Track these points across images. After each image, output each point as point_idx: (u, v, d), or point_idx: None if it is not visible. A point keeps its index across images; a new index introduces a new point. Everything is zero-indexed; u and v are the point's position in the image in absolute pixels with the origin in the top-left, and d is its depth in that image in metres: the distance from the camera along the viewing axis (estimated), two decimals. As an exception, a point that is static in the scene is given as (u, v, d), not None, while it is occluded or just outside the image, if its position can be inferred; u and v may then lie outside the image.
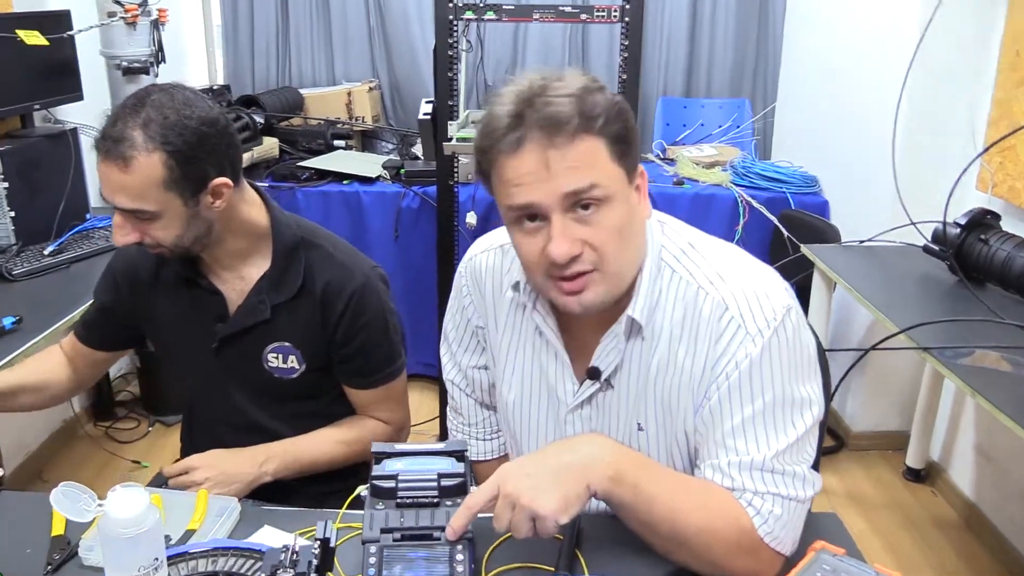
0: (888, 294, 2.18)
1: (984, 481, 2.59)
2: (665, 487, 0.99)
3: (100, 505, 0.79)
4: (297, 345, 1.41)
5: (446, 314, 1.33)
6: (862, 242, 2.58)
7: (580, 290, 1.01)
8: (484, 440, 1.40)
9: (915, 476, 2.87)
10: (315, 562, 0.81)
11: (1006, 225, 2.19)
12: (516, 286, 1.15)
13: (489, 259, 1.23)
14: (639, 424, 1.11)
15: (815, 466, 1.05)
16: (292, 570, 0.81)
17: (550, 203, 0.97)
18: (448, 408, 1.44)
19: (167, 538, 1.07)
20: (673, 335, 1.06)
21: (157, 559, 0.81)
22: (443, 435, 2.83)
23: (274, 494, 1.42)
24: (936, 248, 2.26)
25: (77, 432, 3.01)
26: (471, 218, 2.97)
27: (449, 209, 2.76)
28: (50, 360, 1.54)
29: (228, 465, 1.37)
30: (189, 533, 1.09)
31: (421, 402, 3.11)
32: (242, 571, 0.87)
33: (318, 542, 0.81)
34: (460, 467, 1.05)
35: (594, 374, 1.11)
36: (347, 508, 1.15)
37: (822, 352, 1.30)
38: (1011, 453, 2.44)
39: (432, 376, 3.17)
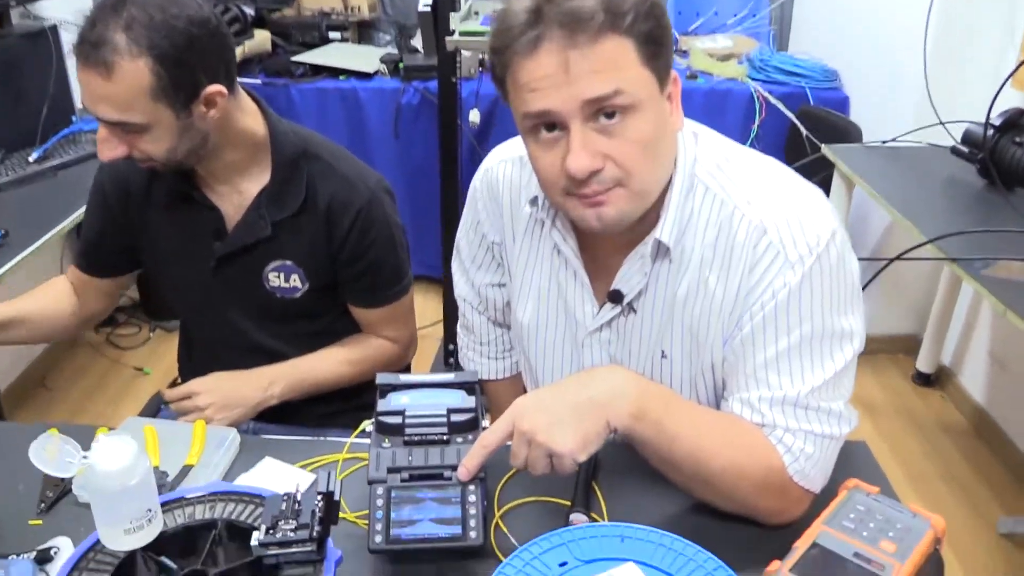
0: (913, 199, 2.08)
1: (996, 387, 2.57)
2: (690, 424, 0.93)
3: (85, 457, 0.73)
4: (300, 263, 1.33)
5: (460, 228, 1.24)
6: (885, 142, 2.46)
7: (601, 203, 0.92)
8: (496, 359, 1.34)
9: (925, 381, 2.85)
10: (319, 514, 0.76)
11: (1042, 126, 2.07)
12: (534, 201, 1.06)
13: (507, 170, 1.14)
14: (663, 352, 1.04)
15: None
16: (295, 521, 0.76)
17: (569, 110, 0.87)
18: (459, 325, 1.37)
19: (163, 474, 1.02)
20: (704, 259, 0.98)
21: (150, 510, 0.76)
22: (448, 338, 2.80)
23: (276, 415, 1.38)
24: (966, 150, 2.14)
25: (78, 339, 2.97)
26: (474, 116, 2.84)
27: (451, 106, 2.62)
28: (51, 291, 1.45)
29: (232, 389, 1.32)
30: (186, 469, 1.04)
31: (425, 305, 3.06)
32: (242, 518, 0.82)
33: (320, 496, 0.75)
34: (471, 401, 0.99)
35: (616, 297, 1.04)
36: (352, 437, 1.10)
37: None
38: (1027, 360, 2.40)
39: (435, 278, 3.11)
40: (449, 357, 2.80)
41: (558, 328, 1.12)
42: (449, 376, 1.03)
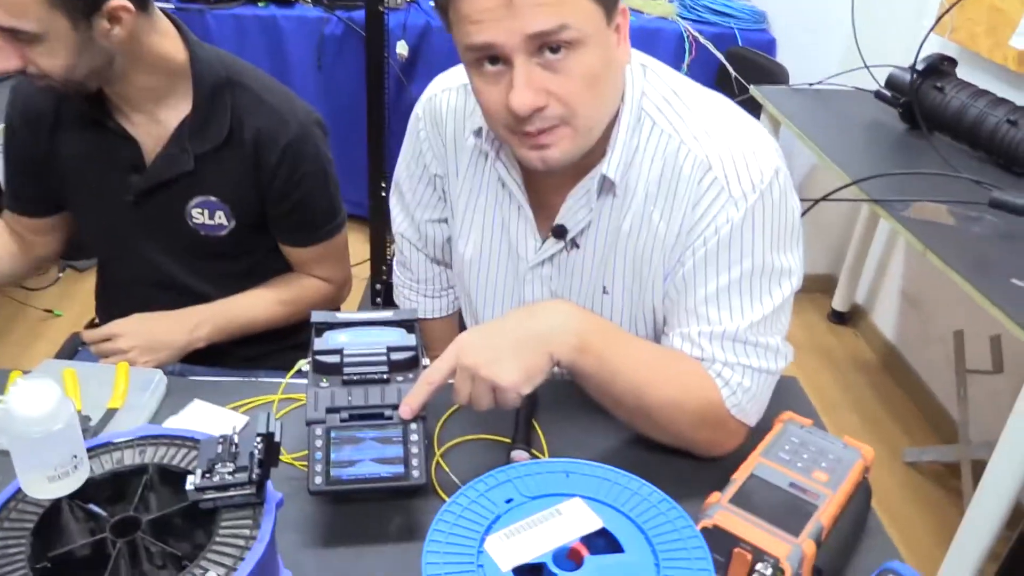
0: (838, 141, 2.12)
1: (906, 325, 2.68)
2: (632, 357, 0.94)
3: (2, 402, 0.68)
4: (225, 200, 1.27)
5: (399, 161, 1.20)
6: (812, 85, 2.49)
7: (545, 145, 0.90)
8: (433, 297, 1.32)
9: (839, 319, 2.96)
10: (258, 456, 0.73)
11: (961, 72, 2.13)
12: (478, 132, 1.03)
13: (451, 99, 1.09)
14: (604, 287, 1.04)
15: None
16: (232, 464, 0.73)
17: (512, 45, 0.83)
18: (395, 263, 1.34)
19: (86, 419, 0.97)
20: (649, 194, 0.97)
21: (76, 456, 0.71)
22: (375, 277, 2.75)
23: (202, 358, 1.33)
24: (889, 94, 2.19)
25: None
26: (402, 48, 2.76)
27: (378, 38, 2.53)
28: None
29: (156, 330, 1.26)
30: (111, 412, 0.99)
31: (352, 243, 2.97)
32: (175, 462, 0.78)
33: (259, 438, 0.72)
34: (411, 339, 0.97)
35: (559, 232, 1.02)
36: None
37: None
38: (936, 299, 2.51)
39: (362, 216, 3.04)
40: (376, 297, 2.76)
41: (500, 262, 1.11)
42: (387, 314, 1.00)
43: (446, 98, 1.10)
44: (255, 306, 1.36)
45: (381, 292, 2.72)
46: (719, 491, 0.86)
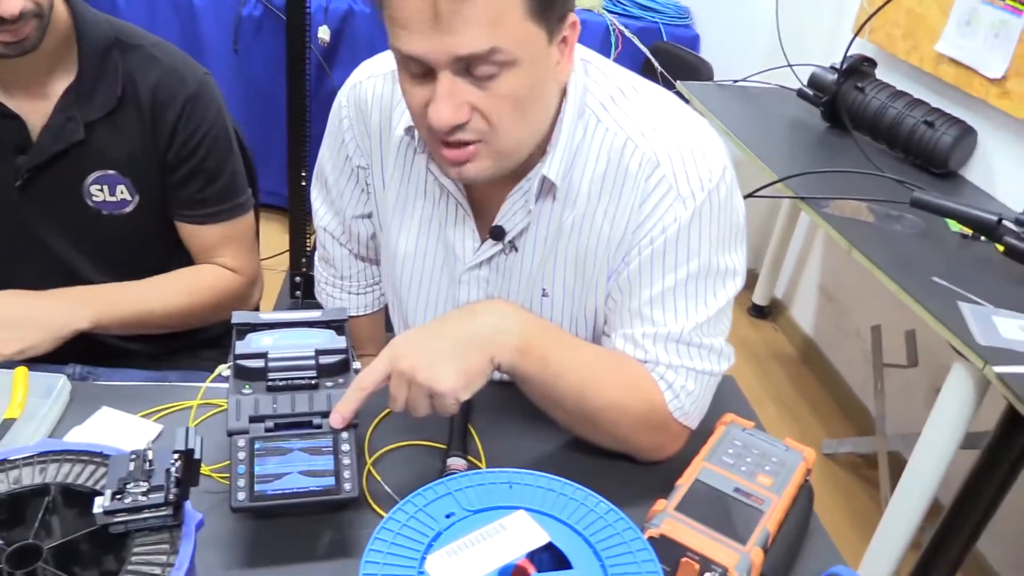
0: (762, 138, 2.15)
1: (823, 319, 2.75)
2: (575, 359, 0.90)
3: None
4: (124, 172, 1.17)
5: (321, 152, 1.13)
6: (736, 81, 2.52)
7: (463, 160, 0.85)
8: (357, 294, 1.26)
9: (759, 313, 3.01)
10: (175, 474, 0.66)
11: (880, 73, 2.18)
12: (409, 130, 0.97)
13: (376, 87, 1.03)
14: (544, 289, 1.00)
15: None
16: (146, 483, 0.67)
17: (437, 61, 0.78)
18: (316, 258, 1.27)
19: (-22, 431, 0.88)
20: (592, 193, 0.93)
21: (-35, 477, 0.64)
22: (294, 269, 2.65)
23: (104, 357, 1.21)
24: (811, 93, 2.23)
25: None
26: (323, 33, 2.67)
27: (300, 21, 2.42)
28: None
29: (28, 307, 1.09)
30: (7, 423, 0.90)
31: (270, 234, 2.89)
32: (80, 480, 0.71)
33: (177, 455, 0.66)
34: (341, 341, 0.91)
35: (497, 234, 0.98)
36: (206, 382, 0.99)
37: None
38: (853, 294, 2.57)
39: (280, 207, 2.94)
40: (295, 290, 2.66)
41: (435, 262, 1.05)
42: (315, 314, 0.94)
43: (371, 86, 1.04)
44: (150, 294, 1.21)
45: (301, 285, 2.62)
46: (664, 498, 0.84)
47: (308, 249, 2.63)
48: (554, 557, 0.72)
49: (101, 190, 1.17)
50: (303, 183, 2.51)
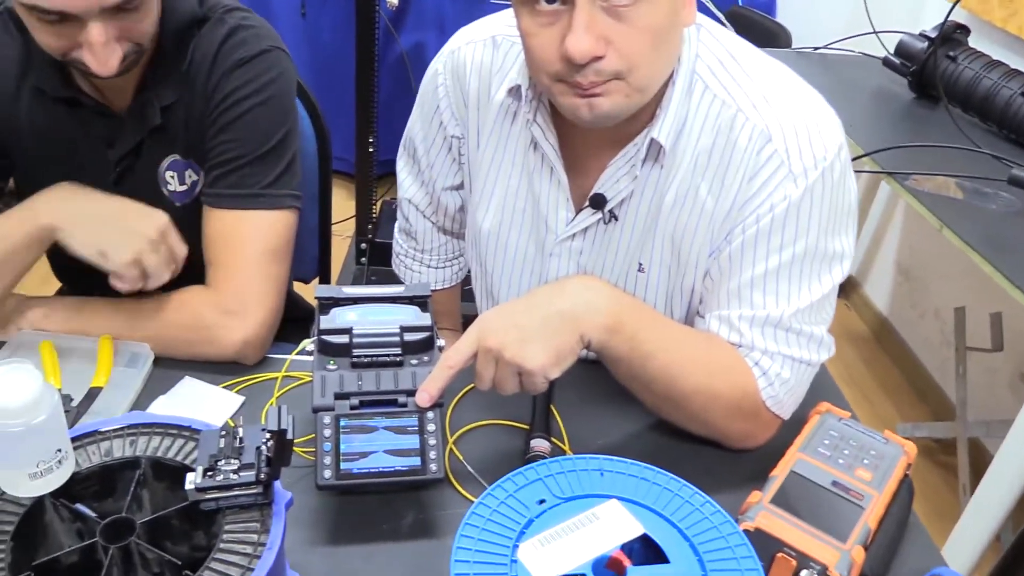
0: (844, 109, 2.03)
1: (899, 297, 2.65)
2: (666, 340, 0.87)
3: (-25, 389, 0.59)
4: (188, 152, 1.07)
5: (411, 122, 1.11)
6: (816, 49, 2.41)
7: (596, 95, 0.81)
8: (437, 268, 1.24)
9: (831, 289, 2.92)
10: (267, 453, 0.65)
11: (973, 41, 2.06)
12: (514, 91, 0.93)
13: (476, 53, 1.00)
14: (640, 264, 0.96)
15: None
16: (237, 461, 0.66)
17: None
18: (397, 229, 1.25)
19: (67, 399, 0.89)
20: (697, 165, 0.89)
21: (60, 450, 0.64)
22: (360, 234, 2.65)
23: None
24: (898, 62, 2.12)
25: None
26: (391, -3, 2.62)
27: (368, -15, 2.40)
28: None
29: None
30: (93, 392, 0.91)
31: (335, 201, 2.89)
32: (169, 454, 0.70)
33: (269, 434, 0.64)
34: (426, 318, 0.89)
35: (598, 202, 0.94)
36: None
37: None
38: (932, 273, 2.47)
39: (347, 173, 2.94)
40: (361, 256, 2.66)
41: (523, 234, 1.02)
42: (399, 289, 0.92)
43: (470, 52, 1.00)
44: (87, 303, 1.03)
45: (367, 251, 2.62)
46: (758, 489, 0.80)
47: (374, 215, 2.63)
48: (648, 549, 0.69)
49: (174, 178, 1.09)
50: (370, 148, 2.50)
